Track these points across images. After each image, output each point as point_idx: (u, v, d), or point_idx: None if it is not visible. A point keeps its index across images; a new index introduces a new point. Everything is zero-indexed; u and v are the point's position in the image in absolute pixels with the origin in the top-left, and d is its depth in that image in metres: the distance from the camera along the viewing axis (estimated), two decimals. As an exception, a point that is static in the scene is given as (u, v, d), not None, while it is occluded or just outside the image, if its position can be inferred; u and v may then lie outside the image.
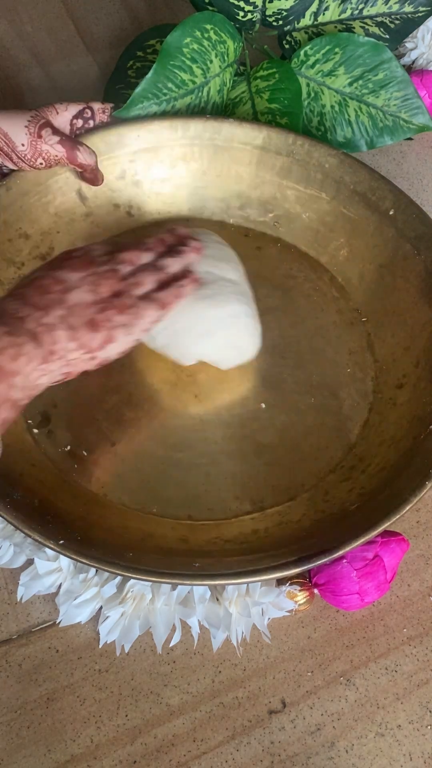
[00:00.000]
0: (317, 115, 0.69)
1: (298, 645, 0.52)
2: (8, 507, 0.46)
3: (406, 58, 0.80)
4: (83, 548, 0.46)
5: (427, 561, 0.56)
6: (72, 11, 0.84)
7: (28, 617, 0.51)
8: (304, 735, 0.49)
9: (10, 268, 0.60)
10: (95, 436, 0.55)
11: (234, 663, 0.51)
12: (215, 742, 0.48)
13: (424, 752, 0.48)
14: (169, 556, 0.48)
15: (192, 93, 0.65)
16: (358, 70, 0.68)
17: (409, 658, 0.52)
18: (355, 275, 0.63)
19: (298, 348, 0.60)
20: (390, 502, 0.49)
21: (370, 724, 0.49)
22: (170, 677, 0.50)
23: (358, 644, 0.52)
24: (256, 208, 0.66)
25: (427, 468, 0.50)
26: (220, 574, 0.46)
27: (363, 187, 0.62)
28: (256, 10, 0.67)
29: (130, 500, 0.53)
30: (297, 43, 0.71)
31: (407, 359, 0.58)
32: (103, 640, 0.50)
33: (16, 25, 0.82)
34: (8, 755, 0.47)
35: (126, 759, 0.47)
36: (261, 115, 0.68)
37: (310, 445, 0.56)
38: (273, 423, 0.57)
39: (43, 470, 0.53)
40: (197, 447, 0.55)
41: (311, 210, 0.65)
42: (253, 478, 0.54)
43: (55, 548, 0.45)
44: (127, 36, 0.80)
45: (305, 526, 0.51)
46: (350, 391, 0.59)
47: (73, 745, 0.47)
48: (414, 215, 0.60)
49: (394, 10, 0.69)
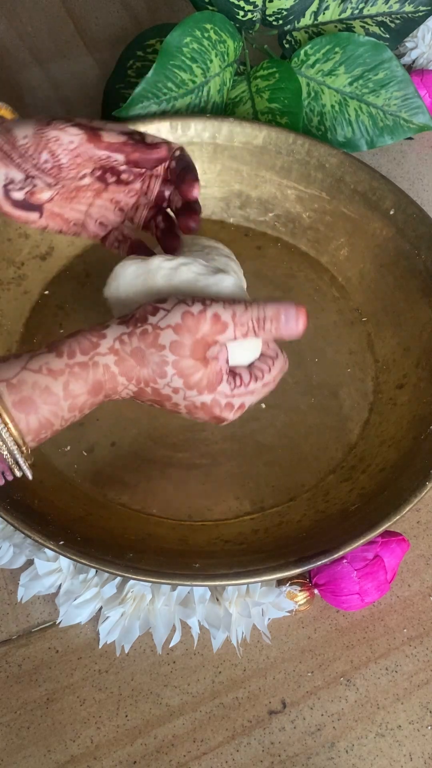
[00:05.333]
0: (317, 114, 0.69)
1: (298, 645, 0.52)
2: (8, 507, 0.46)
3: (407, 58, 0.80)
4: (83, 549, 0.46)
5: (427, 561, 0.56)
6: (72, 11, 0.84)
7: (28, 618, 0.51)
8: (304, 735, 0.49)
9: (10, 268, 0.60)
10: (95, 436, 0.55)
11: (234, 663, 0.51)
12: (215, 742, 0.48)
13: (425, 752, 0.48)
14: (169, 556, 0.48)
15: (192, 93, 0.65)
16: (359, 69, 0.68)
17: (409, 658, 0.52)
18: (355, 275, 0.63)
19: (298, 348, 0.60)
20: (390, 503, 0.49)
21: (371, 724, 0.49)
22: (170, 678, 0.50)
23: (358, 644, 0.52)
24: (257, 208, 0.66)
25: (428, 468, 0.50)
26: (220, 575, 0.46)
27: (363, 187, 0.62)
28: (256, 10, 0.67)
29: (130, 500, 0.53)
30: (297, 42, 0.71)
31: (407, 359, 0.58)
32: (103, 640, 0.50)
33: (16, 25, 0.82)
34: (8, 755, 0.47)
35: (126, 759, 0.47)
36: (261, 114, 0.68)
37: (310, 445, 0.56)
38: (273, 423, 0.57)
39: (43, 470, 0.53)
40: (197, 447, 0.55)
41: (311, 209, 0.65)
42: (253, 478, 0.54)
43: (55, 549, 0.45)
44: (127, 36, 0.80)
45: (305, 527, 0.51)
46: (350, 391, 0.59)
47: (73, 746, 0.47)
48: (414, 215, 0.60)
49: (395, 9, 0.69)
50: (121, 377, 0.41)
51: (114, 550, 0.46)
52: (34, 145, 0.44)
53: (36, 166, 0.45)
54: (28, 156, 0.44)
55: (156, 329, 0.41)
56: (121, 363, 0.41)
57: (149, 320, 0.41)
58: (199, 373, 0.42)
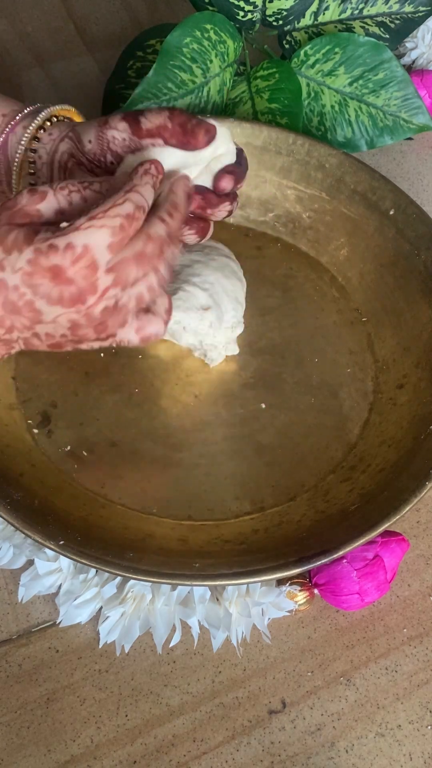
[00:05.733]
0: (317, 114, 0.69)
1: (298, 645, 0.52)
2: (8, 507, 0.46)
3: (406, 58, 0.80)
4: (83, 549, 0.46)
5: (427, 561, 0.56)
6: (72, 11, 0.84)
7: (28, 617, 0.51)
8: (304, 735, 0.49)
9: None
10: (95, 436, 0.55)
11: (234, 663, 0.51)
12: (215, 742, 0.48)
13: (425, 752, 0.48)
14: (169, 556, 0.48)
15: (192, 93, 0.65)
16: (358, 69, 0.68)
17: (409, 658, 0.52)
18: (355, 275, 0.63)
19: (298, 348, 0.60)
20: (390, 503, 0.49)
21: (371, 724, 0.49)
22: (170, 677, 0.50)
23: (358, 644, 0.52)
24: (257, 208, 0.66)
25: (428, 468, 0.50)
26: (220, 575, 0.46)
27: (363, 187, 0.62)
28: (256, 10, 0.67)
29: (130, 500, 0.53)
30: (297, 42, 0.71)
31: (407, 359, 0.58)
32: (103, 640, 0.50)
33: (16, 26, 0.82)
34: (8, 755, 0.47)
35: (126, 759, 0.47)
36: (261, 114, 0.68)
37: (310, 445, 0.56)
38: (273, 423, 0.57)
39: (43, 470, 0.53)
40: (197, 447, 0.55)
41: (311, 210, 0.65)
42: (253, 478, 0.54)
43: (55, 549, 0.45)
44: (127, 36, 0.80)
45: (305, 526, 0.51)
46: (350, 391, 0.59)
47: (73, 745, 0.47)
48: (414, 215, 0.60)
49: (395, 9, 0.69)
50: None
51: (114, 550, 0.46)
52: (99, 150, 0.43)
53: (107, 169, 0.43)
54: (96, 160, 0.43)
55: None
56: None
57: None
58: (12, 233, 0.36)
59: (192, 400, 0.57)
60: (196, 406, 0.57)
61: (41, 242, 0.36)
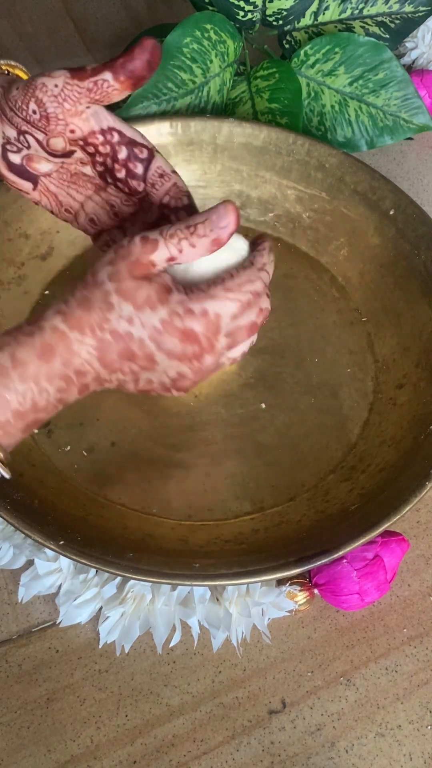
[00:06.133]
0: (317, 114, 0.69)
1: (298, 645, 0.52)
2: (8, 507, 0.46)
3: (406, 58, 0.80)
4: (83, 549, 0.46)
5: (427, 561, 0.56)
6: (72, 11, 0.84)
7: (28, 617, 0.51)
8: (304, 735, 0.49)
9: (10, 268, 0.60)
10: (95, 436, 0.55)
11: (234, 663, 0.51)
12: (215, 742, 0.48)
13: (425, 752, 0.48)
14: (169, 556, 0.48)
15: (192, 93, 0.65)
16: (358, 69, 0.68)
17: (409, 658, 0.52)
18: (355, 275, 0.63)
19: (298, 348, 0.60)
20: (390, 503, 0.49)
21: (371, 724, 0.49)
22: (170, 677, 0.50)
23: (358, 644, 0.52)
24: (257, 208, 0.66)
25: (428, 468, 0.50)
26: (220, 575, 0.46)
27: (363, 187, 0.62)
28: (256, 10, 0.67)
29: (130, 500, 0.53)
30: (297, 42, 0.71)
31: (407, 359, 0.58)
32: (103, 640, 0.50)
33: (16, 25, 0.82)
34: (8, 755, 0.47)
35: (126, 759, 0.47)
36: (261, 114, 0.68)
37: (310, 445, 0.56)
38: (273, 423, 0.57)
39: (43, 470, 0.53)
40: (197, 447, 0.55)
41: (311, 210, 0.65)
42: (253, 478, 0.54)
43: (55, 549, 0.45)
44: (127, 36, 0.80)
45: (305, 526, 0.51)
46: (350, 391, 0.59)
47: (73, 745, 0.47)
48: (414, 215, 0.60)
49: (395, 9, 0.69)
50: (72, 332, 0.39)
51: (114, 550, 0.46)
52: (22, 96, 0.42)
53: (26, 118, 0.42)
54: (17, 108, 0.42)
55: (93, 273, 0.40)
56: (69, 319, 0.39)
57: (87, 273, 0.40)
58: (143, 290, 0.39)
59: (192, 400, 0.57)
60: (196, 406, 0.57)
61: (177, 305, 0.39)
